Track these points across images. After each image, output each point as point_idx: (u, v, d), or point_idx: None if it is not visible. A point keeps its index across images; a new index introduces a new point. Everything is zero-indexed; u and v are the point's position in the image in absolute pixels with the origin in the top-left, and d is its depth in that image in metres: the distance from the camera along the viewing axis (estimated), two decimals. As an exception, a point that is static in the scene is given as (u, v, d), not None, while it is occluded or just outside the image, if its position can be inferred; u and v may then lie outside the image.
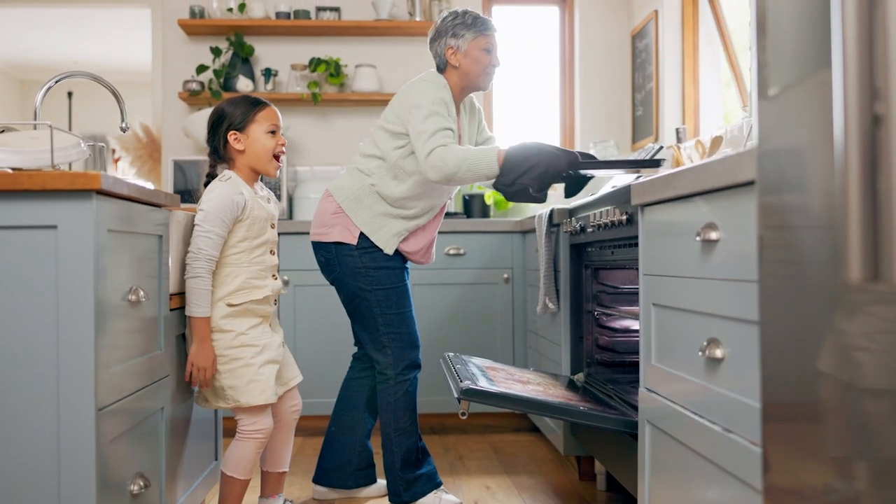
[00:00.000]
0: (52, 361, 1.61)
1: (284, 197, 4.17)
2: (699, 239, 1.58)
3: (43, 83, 2.21)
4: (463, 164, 2.45)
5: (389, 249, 2.62)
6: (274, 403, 2.30)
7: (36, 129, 1.92)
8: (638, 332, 2.05)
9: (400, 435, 2.64)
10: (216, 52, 4.37)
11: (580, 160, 2.51)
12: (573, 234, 2.83)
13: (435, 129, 2.48)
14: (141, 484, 1.86)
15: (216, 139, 2.30)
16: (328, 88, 4.47)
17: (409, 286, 2.71)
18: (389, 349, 2.63)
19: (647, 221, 1.97)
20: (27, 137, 1.85)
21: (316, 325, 3.83)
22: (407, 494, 2.64)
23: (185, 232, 2.25)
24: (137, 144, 5.69)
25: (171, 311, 2.15)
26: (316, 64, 4.37)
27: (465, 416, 2.23)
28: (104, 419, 1.68)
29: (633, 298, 2.77)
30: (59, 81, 2.36)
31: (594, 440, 2.62)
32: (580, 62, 4.66)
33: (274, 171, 2.32)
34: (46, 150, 1.79)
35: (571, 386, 2.70)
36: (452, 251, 3.88)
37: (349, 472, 2.75)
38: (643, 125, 4.38)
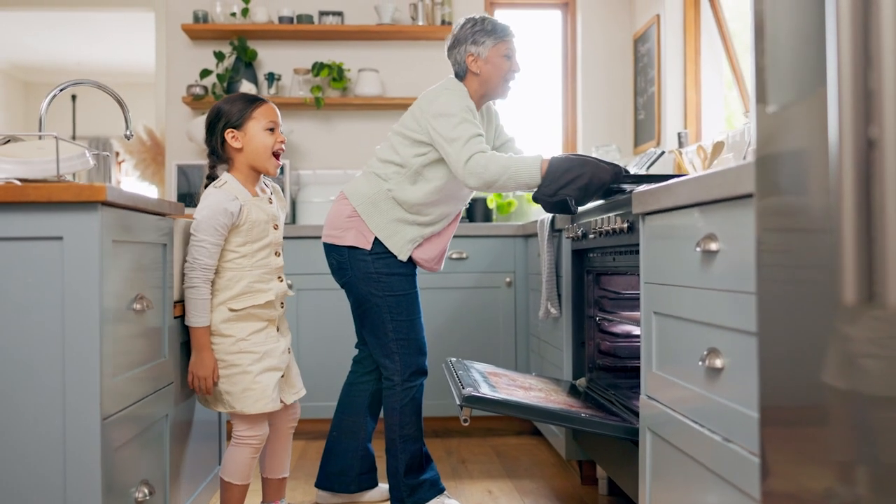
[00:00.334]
0: (58, 371, 1.63)
1: (288, 201, 4.18)
2: (699, 249, 1.59)
3: (47, 85, 2.23)
4: (505, 171, 2.44)
5: (403, 256, 2.62)
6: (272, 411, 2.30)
7: (41, 138, 1.93)
8: (639, 337, 2.06)
9: (405, 441, 2.65)
10: (219, 56, 4.39)
11: (624, 174, 2.47)
12: (575, 239, 2.85)
13: (469, 135, 2.48)
14: (146, 491, 1.87)
15: (214, 138, 2.27)
16: (331, 93, 4.48)
17: (418, 293, 2.72)
18: (397, 355, 2.64)
19: (647, 230, 1.98)
20: (33, 147, 1.86)
21: (319, 329, 3.84)
22: (410, 500, 2.65)
23: (187, 239, 2.26)
24: (141, 147, 5.71)
25: (175, 318, 2.17)
26: (319, 68, 4.38)
27: (467, 422, 2.25)
28: (109, 427, 1.69)
29: (634, 304, 2.78)
30: (63, 90, 2.37)
31: (596, 445, 2.63)
32: (582, 66, 4.67)
33: (274, 169, 2.28)
34: (52, 160, 1.81)
35: (573, 391, 2.71)
36: (455, 255, 3.89)
37: (352, 476, 2.76)
38: (645, 129, 4.39)
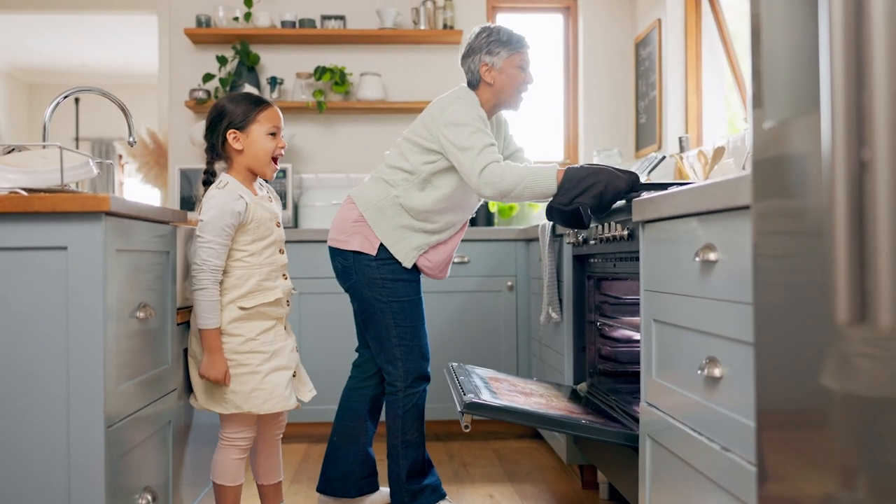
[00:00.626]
0: (62, 379, 1.65)
1: (290, 205, 4.20)
2: (698, 259, 1.60)
3: (50, 87, 2.25)
4: (521, 181, 2.45)
5: (408, 263, 2.63)
6: (260, 416, 2.30)
7: (45, 147, 1.94)
8: (640, 342, 2.07)
9: (407, 447, 2.66)
10: (222, 60, 4.40)
11: (641, 181, 2.46)
12: (576, 245, 2.86)
13: (483, 144, 2.49)
14: (149, 497, 1.89)
15: (214, 136, 2.25)
16: (333, 97, 4.50)
17: (423, 299, 2.73)
18: (400, 361, 2.65)
19: (647, 237, 2.00)
20: (37, 156, 1.88)
21: (322, 332, 3.86)
22: (411, 505, 2.67)
23: (188, 248, 2.28)
24: (144, 150, 5.72)
25: (177, 325, 2.18)
26: (321, 72, 4.40)
27: (468, 428, 2.26)
28: (113, 435, 1.71)
29: (635, 309, 2.79)
30: (67, 97, 2.39)
31: (596, 450, 2.64)
32: (584, 70, 4.68)
33: (271, 173, 2.28)
34: (56, 169, 1.82)
35: (574, 396, 2.72)
36: (457, 259, 3.90)
37: (353, 481, 2.78)
38: (646, 133, 4.40)
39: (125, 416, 1.79)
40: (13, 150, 1.96)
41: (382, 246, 2.63)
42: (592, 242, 2.62)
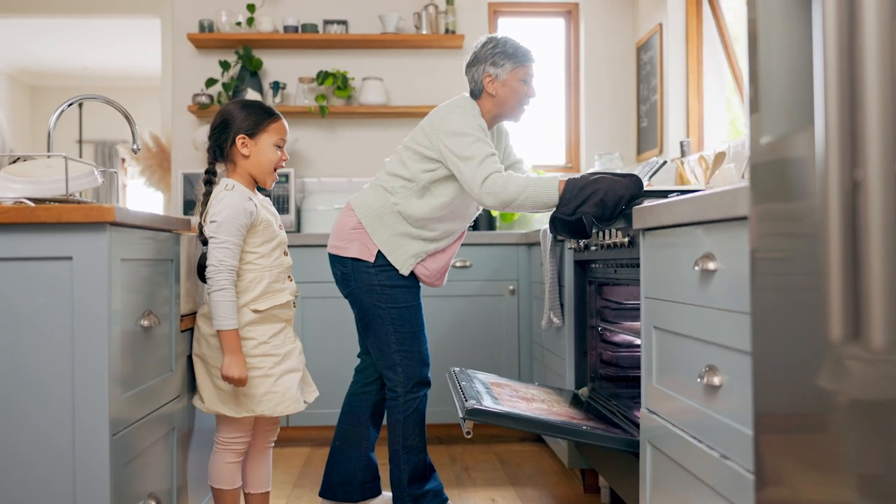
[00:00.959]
0: (68, 388, 1.66)
1: (292, 209, 4.21)
2: (698, 268, 1.61)
3: (53, 89, 2.26)
4: (524, 191, 2.46)
5: (405, 271, 2.64)
6: (257, 422, 2.33)
7: (50, 157, 1.96)
8: (640, 347, 2.09)
9: (408, 452, 2.67)
10: (225, 65, 4.42)
11: (644, 185, 2.44)
12: (577, 250, 2.87)
13: (484, 154, 2.50)
14: (153, 504, 1.90)
15: (223, 138, 2.27)
16: (336, 101, 4.51)
17: (422, 304, 2.74)
18: (400, 367, 2.66)
19: (648, 245, 2.01)
20: (42, 166, 1.90)
21: (324, 336, 3.87)
22: (413, 510, 2.68)
23: (192, 253, 2.29)
24: (147, 154, 5.75)
25: (181, 332, 2.20)
26: (323, 77, 4.42)
27: (469, 435, 2.27)
28: (118, 443, 1.72)
29: (636, 314, 2.80)
30: (71, 105, 2.40)
31: (598, 455, 2.66)
32: (585, 74, 4.70)
33: (271, 183, 2.32)
34: (61, 179, 1.84)
35: (576, 401, 2.73)
36: (458, 263, 3.92)
37: (355, 486, 2.79)
38: (648, 137, 4.41)
39: (130, 423, 1.80)
40: (18, 159, 1.98)
41: (380, 253, 2.64)
42: (593, 248, 2.63)
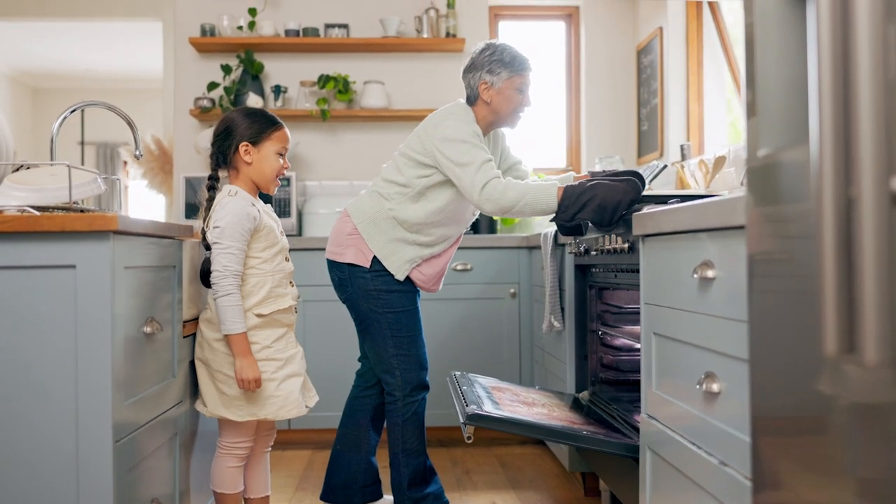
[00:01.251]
0: (71, 395, 1.68)
1: (294, 212, 4.23)
2: (696, 276, 1.62)
3: (55, 91, 2.27)
4: (523, 198, 2.48)
5: (401, 276, 2.66)
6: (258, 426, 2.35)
7: (53, 164, 1.97)
8: (640, 351, 2.10)
9: (408, 455, 2.69)
10: (226, 69, 4.43)
11: (642, 188, 2.42)
12: (578, 255, 2.88)
13: (482, 160, 2.51)
14: (156, 509, 1.92)
15: (226, 145, 2.30)
16: (337, 105, 4.53)
17: (419, 309, 2.76)
18: (398, 370, 2.68)
19: (647, 251, 2.02)
20: (45, 174, 1.91)
21: (326, 339, 3.88)
22: (414, 513, 2.69)
23: (195, 259, 2.30)
24: (149, 157, 5.76)
25: (183, 337, 2.21)
26: (325, 81, 4.43)
27: (470, 440, 2.28)
28: (121, 449, 1.74)
29: (636, 318, 2.81)
30: (73, 111, 2.41)
31: (598, 459, 2.67)
32: (586, 77, 4.71)
33: (274, 188, 2.35)
34: (64, 187, 1.85)
35: (576, 405, 2.74)
36: (459, 266, 3.93)
37: (356, 489, 2.80)
38: (648, 140, 4.42)
39: (133, 429, 1.82)
40: (21, 167, 2.00)
41: (376, 258, 2.66)
42: (594, 253, 2.64)
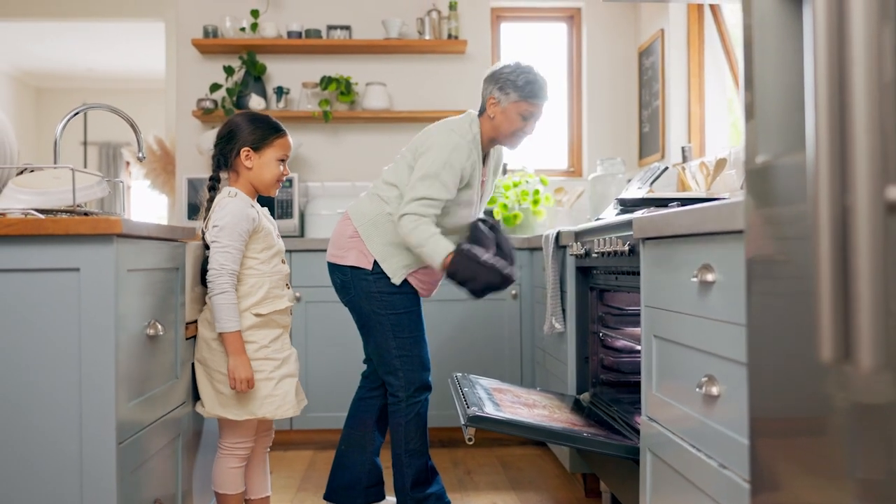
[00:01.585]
0: (75, 398, 1.69)
1: (296, 213, 4.24)
2: (696, 280, 1.63)
3: (58, 91, 2.28)
4: (420, 246, 2.56)
5: (397, 280, 2.68)
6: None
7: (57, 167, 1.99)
8: (641, 352, 2.11)
9: (410, 456, 2.70)
10: (229, 70, 4.44)
11: (511, 281, 2.62)
12: (579, 257, 2.89)
13: (424, 194, 2.56)
14: (159, 510, 1.93)
15: (228, 149, 2.32)
16: (339, 106, 4.54)
17: (422, 310, 2.77)
18: (401, 371, 2.69)
19: (648, 255, 2.03)
20: (49, 177, 1.92)
21: (328, 340, 3.89)
22: (416, 514, 2.71)
23: (196, 260, 2.32)
24: (152, 157, 5.77)
25: (186, 339, 2.22)
26: (327, 82, 4.44)
27: (471, 441, 2.29)
28: (125, 451, 1.75)
29: (636, 320, 2.82)
30: (77, 114, 2.43)
31: (599, 460, 2.68)
32: (587, 78, 4.72)
33: (275, 192, 2.38)
34: (68, 189, 1.86)
35: (577, 407, 2.75)
36: (461, 268, 3.93)
37: (359, 490, 2.82)
38: (650, 142, 4.43)
39: (136, 431, 1.83)
40: (24, 171, 2.01)
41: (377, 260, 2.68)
42: (595, 255, 2.65)
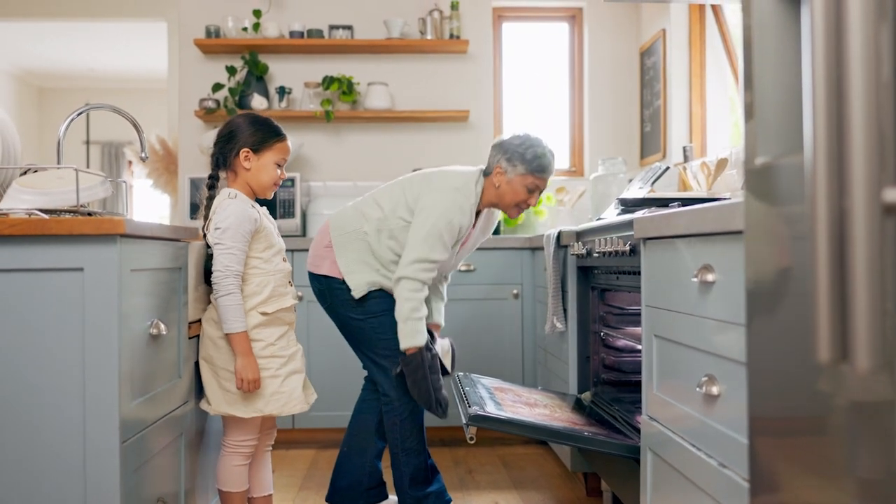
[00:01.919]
0: (78, 397, 1.70)
1: (298, 213, 4.25)
2: (696, 280, 1.64)
3: (60, 91, 2.29)
4: (405, 320, 2.59)
5: (358, 294, 2.69)
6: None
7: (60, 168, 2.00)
8: (641, 352, 2.11)
9: (407, 454, 2.71)
10: (231, 70, 4.45)
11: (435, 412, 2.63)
12: (580, 257, 2.90)
13: (426, 256, 2.58)
14: (162, 509, 1.94)
15: (227, 148, 2.34)
16: (341, 106, 4.55)
17: None
18: (391, 371, 2.71)
19: (648, 255, 2.03)
20: (52, 177, 1.93)
21: (329, 339, 3.89)
22: (416, 513, 2.72)
23: (200, 261, 2.33)
24: (154, 157, 5.78)
25: (189, 338, 2.23)
26: (329, 82, 4.45)
27: (473, 440, 2.30)
28: (128, 450, 1.76)
29: (638, 320, 2.83)
30: (80, 114, 2.44)
31: (600, 459, 2.68)
32: (589, 78, 4.72)
33: (271, 194, 2.40)
34: (71, 190, 1.87)
35: (578, 406, 2.76)
36: (463, 267, 3.94)
37: (360, 491, 2.83)
38: (651, 142, 4.44)
39: (139, 430, 1.84)
40: (27, 171, 2.02)
41: None
42: (596, 255, 2.66)
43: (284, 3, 4.60)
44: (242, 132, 2.33)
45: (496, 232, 4.41)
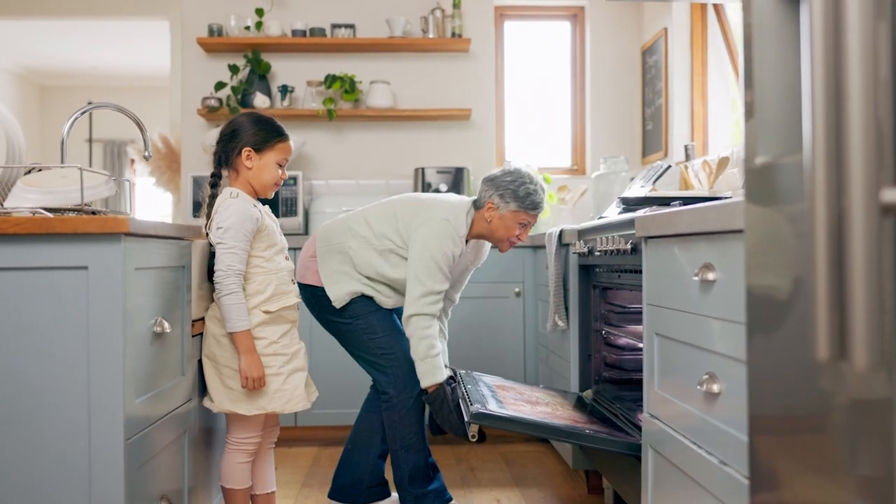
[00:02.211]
0: (83, 395, 1.71)
1: (300, 211, 4.26)
2: (697, 278, 1.65)
3: (62, 89, 2.30)
4: (422, 359, 2.60)
5: (338, 304, 2.73)
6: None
7: (65, 167, 2.00)
8: (643, 350, 2.12)
9: (406, 452, 2.72)
10: (234, 69, 4.46)
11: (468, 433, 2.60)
12: (582, 255, 2.91)
13: (432, 289, 2.61)
14: (165, 506, 1.95)
15: (230, 147, 2.35)
16: (343, 104, 4.56)
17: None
18: (389, 369, 2.72)
19: (650, 253, 2.04)
20: (57, 176, 1.94)
21: (331, 337, 3.89)
22: (417, 510, 2.73)
23: (202, 259, 2.34)
24: (157, 155, 5.79)
25: (192, 336, 2.24)
26: (331, 80, 4.45)
27: (475, 438, 2.31)
28: (132, 447, 1.77)
29: (639, 318, 2.83)
30: (84, 113, 2.45)
31: (601, 457, 2.69)
32: (591, 77, 4.73)
33: (271, 194, 2.41)
34: (76, 189, 1.88)
35: (579, 404, 2.77)
36: (465, 266, 3.95)
37: (362, 489, 2.84)
38: (653, 140, 4.44)
39: (143, 428, 1.85)
40: (32, 169, 2.03)
41: None
42: (597, 253, 2.67)
43: (287, 1, 4.61)
44: (245, 131, 2.34)
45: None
